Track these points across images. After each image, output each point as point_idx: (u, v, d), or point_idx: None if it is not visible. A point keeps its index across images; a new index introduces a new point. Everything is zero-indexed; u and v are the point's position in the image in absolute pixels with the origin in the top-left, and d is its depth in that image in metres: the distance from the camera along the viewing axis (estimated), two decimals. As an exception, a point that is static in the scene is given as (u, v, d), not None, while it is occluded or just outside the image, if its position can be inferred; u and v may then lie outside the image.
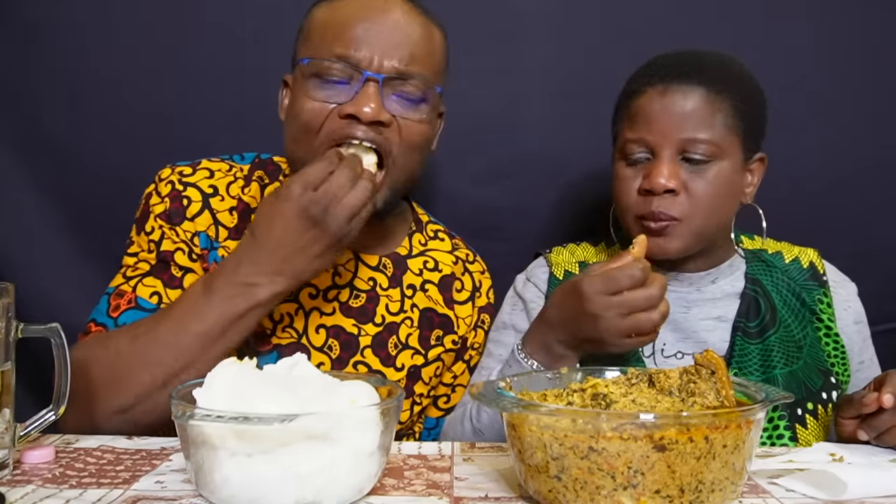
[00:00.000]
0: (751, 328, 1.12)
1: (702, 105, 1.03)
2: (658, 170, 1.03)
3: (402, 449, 0.90)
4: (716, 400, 0.74)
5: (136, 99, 1.44)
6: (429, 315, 1.17)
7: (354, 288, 1.13)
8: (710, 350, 0.78)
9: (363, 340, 1.12)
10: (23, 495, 0.73)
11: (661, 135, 1.04)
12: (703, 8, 1.45)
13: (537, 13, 1.44)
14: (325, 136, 1.02)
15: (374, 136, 1.02)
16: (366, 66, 1.01)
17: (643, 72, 1.09)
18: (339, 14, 1.05)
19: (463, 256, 1.24)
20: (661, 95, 1.04)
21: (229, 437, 0.67)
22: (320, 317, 1.10)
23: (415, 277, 1.17)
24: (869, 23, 1.46)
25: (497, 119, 1.41)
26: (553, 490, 0.69)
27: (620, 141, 1.10)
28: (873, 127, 1.47)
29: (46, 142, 1.45)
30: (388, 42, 1.02)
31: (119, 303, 1.05)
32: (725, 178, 1.05)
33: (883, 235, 1.48)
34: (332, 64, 1.02)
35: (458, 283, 1.21)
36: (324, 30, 1.05)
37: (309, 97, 1.03)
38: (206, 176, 1.11)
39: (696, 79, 1.04)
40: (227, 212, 1.10)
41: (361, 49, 1.01)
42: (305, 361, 0.79)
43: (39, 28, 1.43)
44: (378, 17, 1.03)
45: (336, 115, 1.02)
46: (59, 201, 1.46)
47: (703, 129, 1.03)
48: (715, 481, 0.67)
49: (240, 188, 1.12)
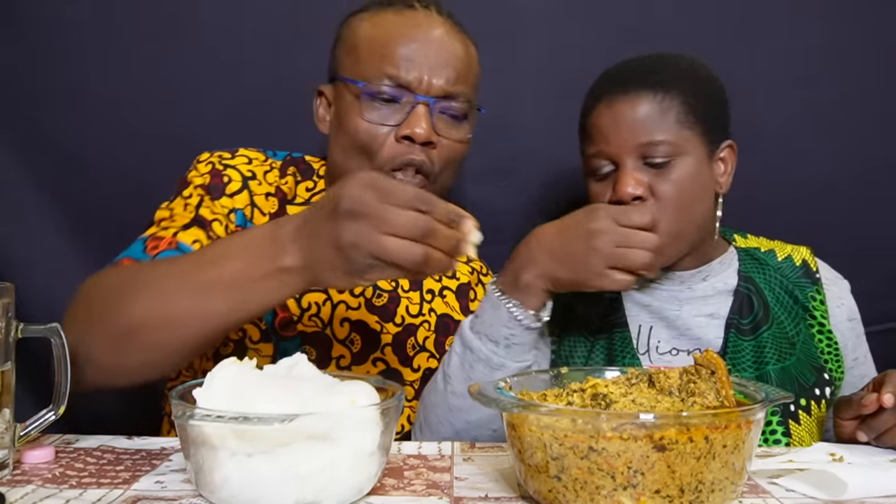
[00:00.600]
0: (744, 325, 1.12)
1: (649, 109, 1.05)
2: (623, 180, 1.05)
3: (402, 449, 0.90)
4: (716, 400, 0.74)
5: (136, 99, 1.44)
6: (445, 321, 1.19)
7: (377, 287, 1.15)
8: (710, 350, 0.78)
9: (385, 338, 1.13)
10: (23, 495, 0.73)
11: (618, 145, 1.05)
12: (704, 7, 1.45)
13: (537, 12, 1.44)
14: (386, 160, 1.05)
15: (424, 157, 1.05)
16: (415, 88, 1.05)
17: (592, 88, 1.12)
18: (384, 31, 1.06)
19: (477, 268, 1.27)
20: (609, 108, 1.06)
21: (229, 437, 0.67)
22: (346, 310, 1.11)
23: (434, 283, 1.20)
24: (876, 23, 1.46)
25: (496, 118, 1.41)
26: (553, 490, 0.69)
27: (584, 159, 1.12)
28: (870, 128, 1.47)
29: (47, 142, 1.45)
30: (436, 62, 1.06)
31: (157, 244, 1.01)
32: (691, 174, 1.06)
33: (877, 235, 1.48)
34: (385, 87, 1.04)
35: (472, 292, 1.23)
36: (371, 47, 1.06)
37: (363, 118, 1.05)
38: (245, 162, 1.13)
39: (639, 84, 1.06)
40: (263, 196, 1.11)
41: (412, 70, 1.04)
42: (305, 361, 0.79)
43: (40, 28, 1.43)
44: (423, 35, 1.06)
45: (393, 139, 1.05)
46: (59, 201, 1.46)
47: (656, 132, 1.04)
48: (715, 481, 0.67)
49: (276, 177, 1.14)
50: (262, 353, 1.08)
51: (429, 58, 1.05)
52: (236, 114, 1.43)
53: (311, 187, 1.16)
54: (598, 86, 1.11)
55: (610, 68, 1.13)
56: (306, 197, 1.15)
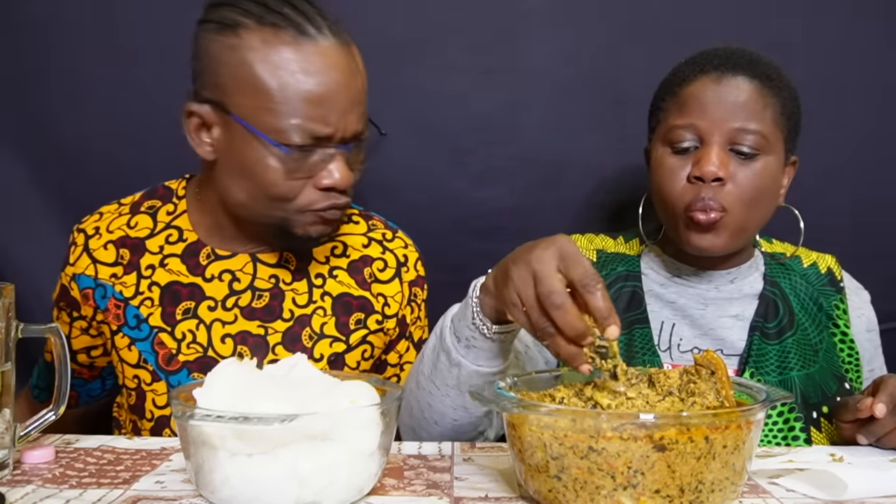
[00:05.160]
0: (769, 329, 1.10)
1: (755, 96, 1.03)
2: (708, 157, 1.02)
3: (402, 449, 0.90)
4: (716, 400, 0.74)
5: (136, 99, 1.44)
6: (345, 300, 1.15)
7: (255, 289, 1.12)
8: (710, 350, 0.78)
9: (272, 339, 1.11)
10: (23, 495, 0.73)
11: (713, 122, 1.03)
12: (708, 7, 1.44)
13: (540, 13, 1.44)
14: (304, 205, 1.04)
15: (345, 200, 1.06)
16: (331, 138, 1.01)
17: (695, 60, 1.08)
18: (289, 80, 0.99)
19: (379, 237, 1.20)
20: (716, 83, 1.04)
21: (229, 437, 0.67)
22: (223, 326, 1.10)
23: (321, 266, 1.16)
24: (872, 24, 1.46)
25: (499, 119, 1.41)
26: (553, 490, 0.69)
27: (665, 128, 1.08)
28: (870, 128, 1.47)
29: (46, 142, 1.45)
30: (347, 105, 1.01)
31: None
32: (771, 173, 1.05)
33: (876, 235, 1.48)
34: (302, 145, 1.00)
35: (380, 262, 1.18)
36: (279, 99, 0.99)
37: (283, 175, 1.01)
38: (95, 219, 1.19)
39: (750, 71, 1.04)
40: (102, 247, 1.15)
41: (328, 124, 1.00)
42: (305, 361, 0.79)
43: (40, 28, 1.43)
44: (330, 79, 1.00)
45: (311, 187, 1.03)
46: (59, 201, 1.46)
47: (754, 120, 1.02)
48: (715, 481, 0.67)
49: (122, 223, 1.16)
50: (159, 391, 1.10)
51: (341, 104, 1.01)
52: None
53: (171, 210, 1.15)
54: (703, 58, 1.08)
55: (712, 48, 1.10)
56: (167, 220, 1.14)
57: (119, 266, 1.13)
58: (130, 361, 1.11)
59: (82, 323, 1.15)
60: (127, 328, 1.11)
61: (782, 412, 1.07)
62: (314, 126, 0.99)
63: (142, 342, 1.10)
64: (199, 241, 1.13)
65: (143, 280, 1.11)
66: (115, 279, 1.12)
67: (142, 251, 1.13)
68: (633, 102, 1.41)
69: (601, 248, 1.19)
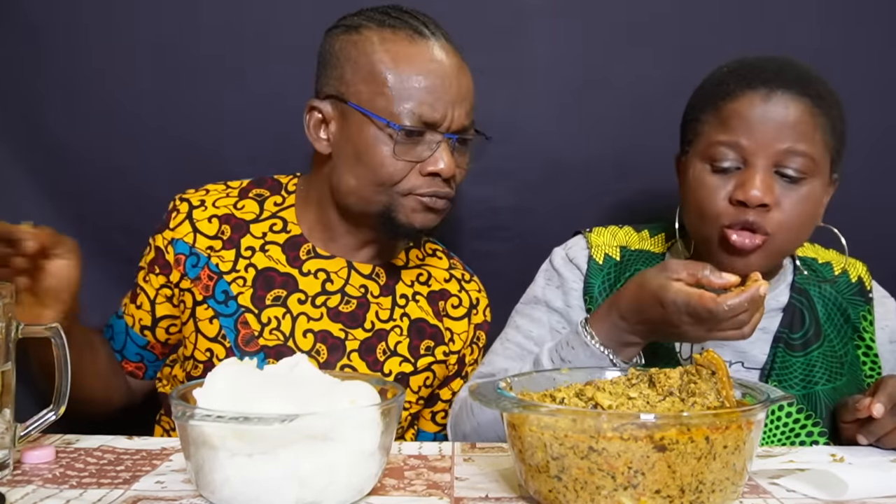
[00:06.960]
0: (794, 340, 1.07)
1: (805, 117, 0.96)
2: (753, 181, 0.95)
3: (403, 449, 0.90)
4: (716, 400, 0.74)
5: (136, 99, 1.43)
6: (419, 325, 1.19)
7: (346, 294, 1.16)
8: (711, 350, 0.78)
9: (350, 345, 1.14)
10: (23, 495, 0.73)
11: (759, 143, 0.96)
12: (710, 8, 1.44)
13: (541, 12, 1.44)
14: (407, 189, 1.09)
15: (448, 189, 1.11)
16: (440, 126, 1.08)
17: (739, 73, 1.00)
18: (406, 67, 1.07)
19: (459, 276, 1.26)
20: (763, 101, 0.96)
21: (229, 438, 0.67)
22: (308, 321, 1.13)
23: (406, 288, 1.20)
24: (871, 27, 1.45)
25: (498, 118, 1.41)
26: (553, 490, 0.69)
27: (704, 143, 1.00)
28: (870, 128, 1.47)
29: (46, 142, 1.45)
30: (456, 98, 1.09)
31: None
32: (816, 198, 0.99)
33: (876, 235, 1.47)
34: (415, 128, 1.07)
35: (456, 299, 1.23)
36: (395, 84, 1.07)
37: (394, 156, 1.07)
38: (203, 194, 1.21)
39: (801, 89, 0.97)
40: (206, 220, 1.17)
41: (437, 110, 1.07)
42: (306, 361, 0.79)
43: (40, 28, 1.42)
44: (443, 71, 1.08)
45: (417, 172, 1.08)
46: (59, 201, 1.46)
47: (803, 142, 0.96)
48: (715, 482, 0.67)
49: (229, 203, 1.19)
50: None
51: (450, 95, 1.08)
52: (237, 113, 1.43)
53: (279, 202, 1.19)
54: (749, 71, 1.00)
55: (753, 58, 1.03)
56: (274, 210, 1.18)
57: (218, 240, 1.15)
58: (209, 334, 1.12)
59: (167, 291, 1.16)
60: (213, 301, 1.13)
61: (805, 425, 1.05)
62: (424, 111, 1.07)
63: (226, 318, 1.12)
64: (301, 235, 1.17)
65: (242, 259, 1.14)
66: (213, 251, 1.14)
67: (244, 232, 1.16)
68: (633, 102, 1.41)
69: (625, 245, 1.15)
